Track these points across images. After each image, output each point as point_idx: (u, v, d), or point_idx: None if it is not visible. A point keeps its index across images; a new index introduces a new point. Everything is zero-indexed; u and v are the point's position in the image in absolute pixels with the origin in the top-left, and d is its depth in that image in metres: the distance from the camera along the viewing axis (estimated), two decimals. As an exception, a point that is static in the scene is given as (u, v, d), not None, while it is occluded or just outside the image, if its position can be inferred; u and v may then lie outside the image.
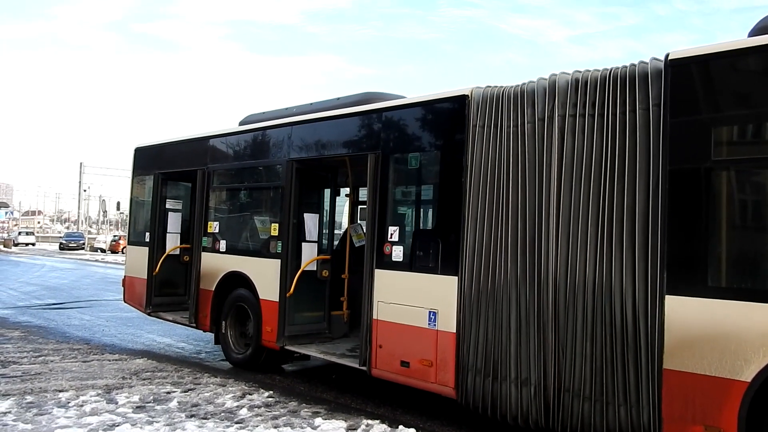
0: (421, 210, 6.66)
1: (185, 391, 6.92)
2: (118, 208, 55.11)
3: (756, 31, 4.57)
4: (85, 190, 64.17)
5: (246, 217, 8.80)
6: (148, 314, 9.98)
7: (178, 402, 6.44)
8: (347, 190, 9.01)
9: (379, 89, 7.70)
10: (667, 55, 4.60)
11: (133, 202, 11.09)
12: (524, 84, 5.48)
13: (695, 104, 4.52)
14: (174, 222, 10.16)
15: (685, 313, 4.33)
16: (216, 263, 8.66)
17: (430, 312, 5.88)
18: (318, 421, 5.89)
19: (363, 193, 8.12)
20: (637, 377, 4.58)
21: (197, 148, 9.41)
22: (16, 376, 7.41)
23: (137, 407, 6.25)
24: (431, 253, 5.96)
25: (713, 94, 4.50)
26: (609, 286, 4.74)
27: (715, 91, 4.50)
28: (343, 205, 9.38)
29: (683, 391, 4.32)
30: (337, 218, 9.08)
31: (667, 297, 4.42)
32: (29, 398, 6.44)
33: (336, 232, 8.98)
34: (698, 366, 4.25)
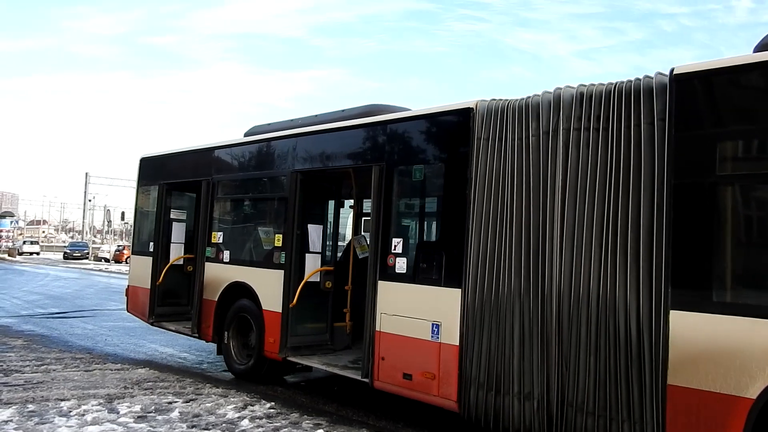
0: (425, 222, 6.65)
1: (187, 402, 6.90)
2: (122, 218, 55.15)
3: (761, 47, 4.58)
4: (90, 200, 64.32)
5: (250, 228, 8.81)
6: (151, 324, 9.97)
7: (179, 412, 6.42)
8: (351, 201, 9.02)
9: (383, 103, 7.73)
10: (672, 70, 4.61)
11: (138, 212, 11.12)
12: (529, 97, 5.49)
13: (700, 119, 4.52)
14: (178, 232, 10.18)
15: (689, 329, 4.31)
16: (219, 273, 8.67)
17: (433, 324, 5.86)
18: (320, 433, 5.87)
19: (367, 205, 8.13)
20: (641, 393, 4.55)
21: (202, 158, 9.45)
22: (18, 385, 7.40)
23: (138, 417, 6.23)
24: (435, 266, 5.95)
25: (718, 110, 4.50)
26: (613, 300, 4.72)
27: (720, 106, 4.50)
28: (347, 216, 9.38)
29: (687, 408, 4.28)
30: (340, 230, 9.08)
31: (671, 312, 4.39)
32: (31, 407, 6.42)
33: (340, 244, 8.98)
34: (703, 382, 4.22)
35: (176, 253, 10.06)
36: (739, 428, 4.04)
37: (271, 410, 6.70)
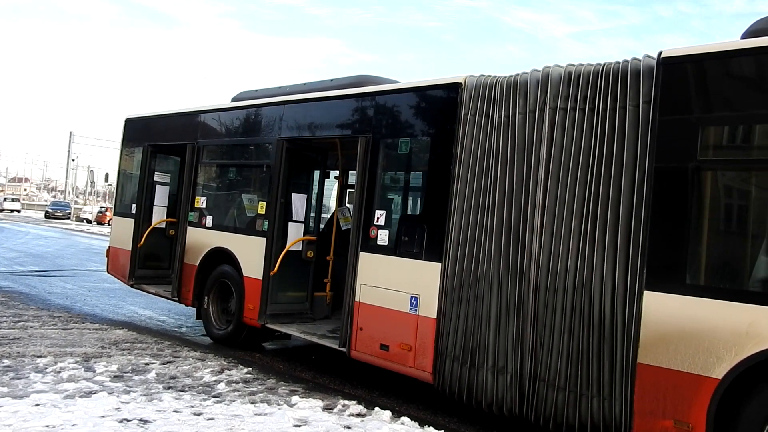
0: (409, 195, 6.67)
1: (164, 364, 6.94)
2: (106, 180, 54.48)
3: (749, 34, 4.61)
4: (73, 160, 63.60)
5: (234, 194, 8.79)
6: (131, 286, 9.96)
7: (156, 373, 6.46)
8: (337, 172, 9.01)
9: (376, 75, 7.69)
10: (660, 53, 4.63)
11: (121, 173, 11.02)
12: (518, 75, 5.49)
13: (684, 103, 4.55)
14: (161, 195, 10.12)
15: (661, 309, 4.39)
16: (201, 238, 8.65)
17: (411, 297, 5.92)
18: (295, 399, 5.92)
19: (352, 177, 8.13)
20: (612, 370, 4.64)
21: (188, 122, 9.37)
22: (-6, 340, 7.40)
23: (115, 376, 6.26)
24: (416, 239, 5.98)
25: (703, 94, 4.54)
26: (589, 280, 4.78)
27: (705, 90, 4.53)
28: (331, 187, 9.37)
29: (655, 386, 4.38)
30: (324, 201, 9.07)
31: (645, 293, 4.47)
32: (7, 362, 6.43)
33: (323, 216, 8.97)
34: (671, 361, 4.32)
35: (159, 216, 10.02)
36: (704, 407, 4.14)
37: (248, 375, 6.76)
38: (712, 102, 4.51)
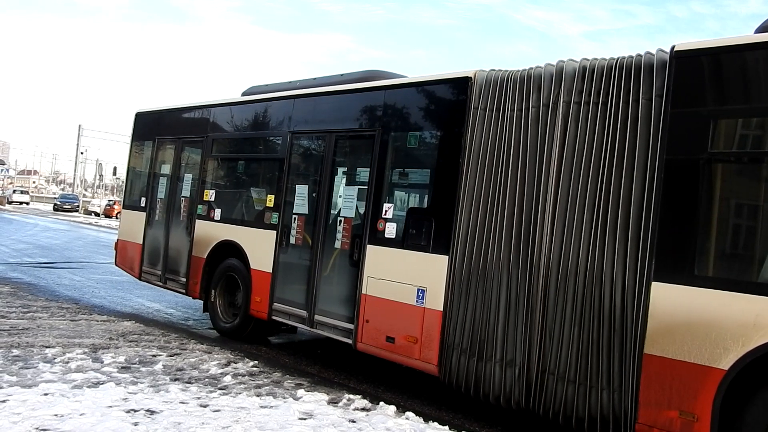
0: (417, 188, 6.67)
1: (171, 356, 6.96)
2: (114, 173, 54.68)
3: (762, 29, 4.60)
4: (82, 153, 63.91)
5: (242, 188, 8.80)
6: (139, 278, 9.99)
7: (163, 365, 6.48)
8: (345, 167, 8.97)
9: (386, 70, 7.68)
10: (673, 47, 4.61)
11: (131, 166, 11.05)
12: (531, 69, 5.47)
13: (696, 96, 4.52)
14: None
15: (669, 300, 4.37)
16: (209, 231, 8.67)
17: (418, 289, 5.91)
18: (300, 392, 5.93)
19: (360, 171, 8.12)
20: (621, 362, 4.62)
21: (199, 116, 9.39)
22: (3, 330, 7.43)
23: (122, 368, 6.28)
24: (424, 232, 5.97)
25: (715, 88, 4.51)
26: (600, 272, 4.76)
27: (717, 84, 4.50)
28: (340, 182, 9.34)
29: (661, 377, 4.37)
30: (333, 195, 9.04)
31: (653, 284, 4.45)
32: (16, 352, 6.47)
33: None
34: (678, 352, 4.29)
35: None
36: (710, 398, 4.12)
37: (254, 368, 6.77)
38: (723, 95, 4.49)
